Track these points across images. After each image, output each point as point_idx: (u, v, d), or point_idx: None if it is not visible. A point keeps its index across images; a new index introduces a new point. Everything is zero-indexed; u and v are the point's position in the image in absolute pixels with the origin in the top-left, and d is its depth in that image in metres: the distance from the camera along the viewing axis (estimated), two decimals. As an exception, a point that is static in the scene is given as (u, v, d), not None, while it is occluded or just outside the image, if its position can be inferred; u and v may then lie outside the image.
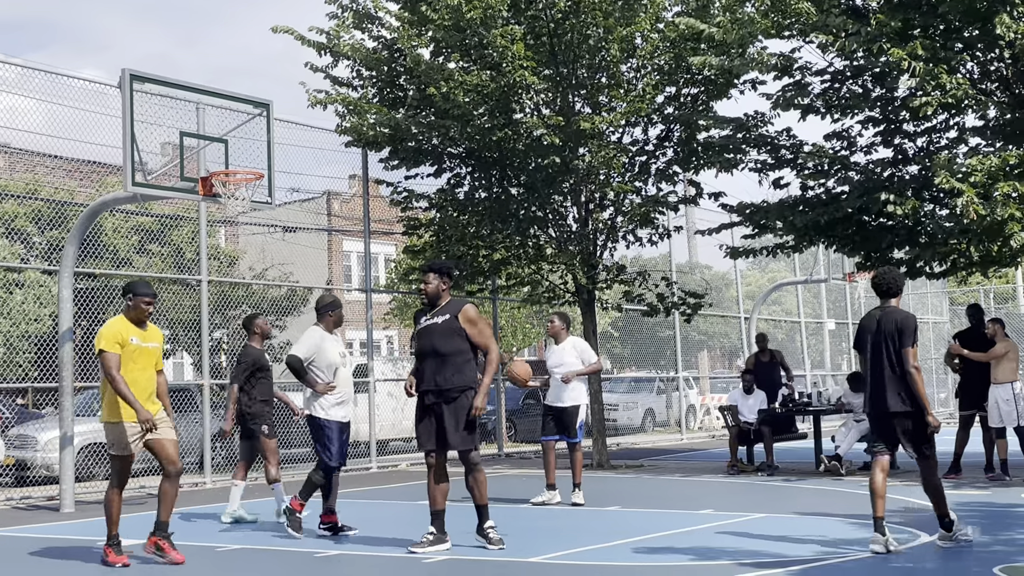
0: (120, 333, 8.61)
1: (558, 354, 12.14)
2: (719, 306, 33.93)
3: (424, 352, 8.83)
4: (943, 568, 7.69)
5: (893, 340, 8.27)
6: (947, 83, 12.53)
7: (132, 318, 8.74)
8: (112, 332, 8.60)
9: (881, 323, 8.38)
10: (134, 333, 8.67)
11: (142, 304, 8.73)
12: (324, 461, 9.82)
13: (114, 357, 8.49)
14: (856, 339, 8.73)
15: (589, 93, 16.64)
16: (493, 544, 8.69)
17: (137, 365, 8.62)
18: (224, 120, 13.20)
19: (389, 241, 32.51)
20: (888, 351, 8.28)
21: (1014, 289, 35.01)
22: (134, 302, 8.72)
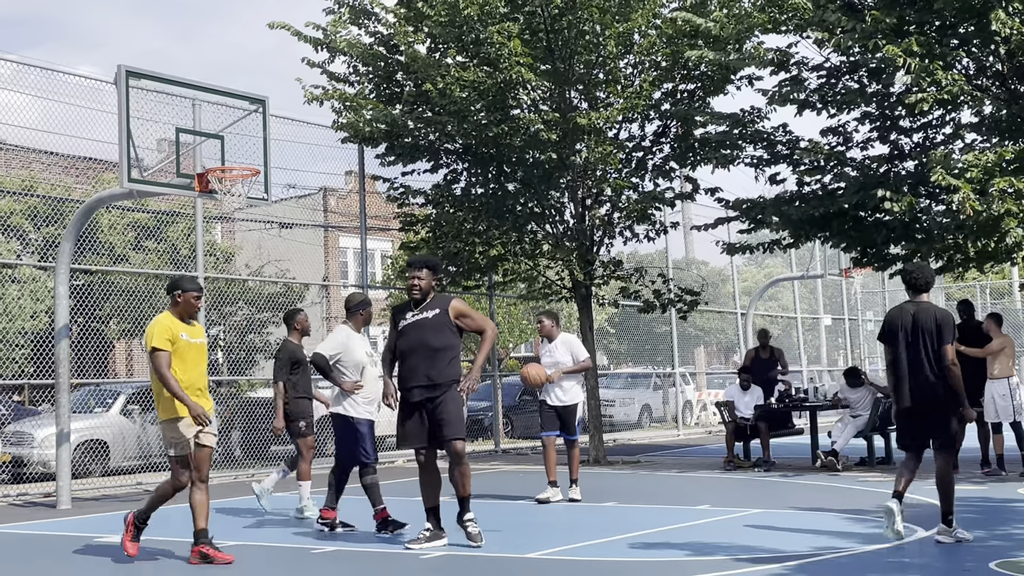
0: (170, 329, 8.42)
1: (549, 354, 12.09)
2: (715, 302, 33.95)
3: (412, 348, 8.72)
4: (939, 563, 7.70)
5: (931, 335, 8.37)
6: (943, 79, 12.54)
7: (179, 314, 8.56)
8: (163, 329, 8.41)
9: (917, 318, 8.45)
10: (183, 329, 8.49)
11: (191, 299, 8.57)
12: (360, 459, 9.84)
13: (166, 356, 8.32)
14: (886, 332, 8.70)
15: (586, 89, 16.64)
16: (473, 539, 8.61)
17: (188, 362, 8.46)
18: (220, 116, 13.19)
19: (385, 237, 32.51)
20: (926, 346, 8.38)
21: (1010, 284, 35.05)
22: (183, 298, 8.55)
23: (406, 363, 8.77)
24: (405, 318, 8.83)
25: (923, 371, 8.36)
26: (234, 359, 19.55)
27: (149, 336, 8.38)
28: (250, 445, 18.21)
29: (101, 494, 14.27)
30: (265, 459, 18.06)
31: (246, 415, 18.62)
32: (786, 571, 7.38)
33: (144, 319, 18.82)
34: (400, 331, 8.83)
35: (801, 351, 29.15)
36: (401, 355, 8.82)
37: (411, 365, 8.73)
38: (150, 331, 8.41)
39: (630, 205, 17.09)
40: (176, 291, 8.58)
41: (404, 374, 8.78)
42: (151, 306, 18.32)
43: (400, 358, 8.84)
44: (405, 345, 8.77)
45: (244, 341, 19.65)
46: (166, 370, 8.29)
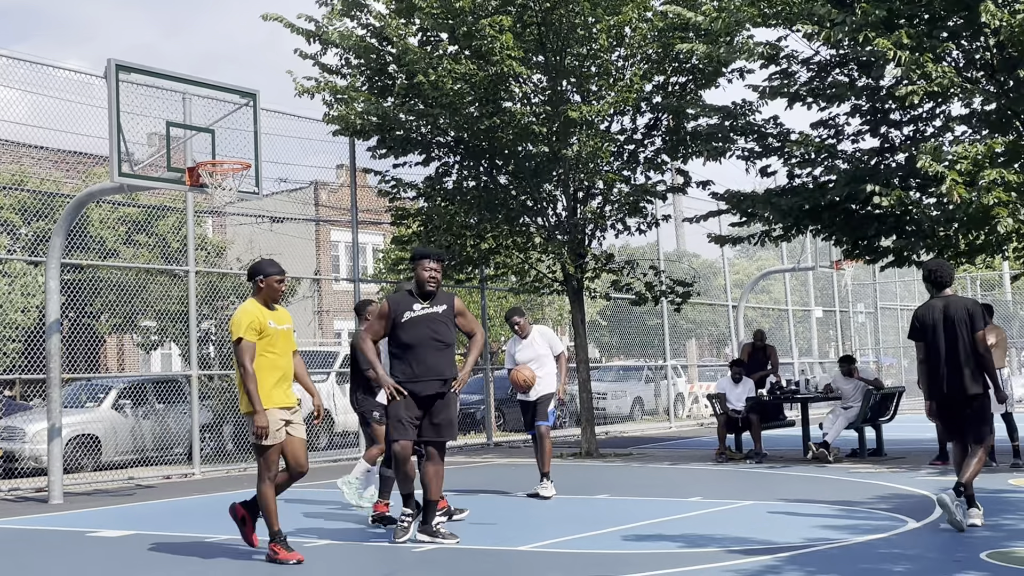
0: (258, 319, 8.04)
1: (529, 348, 11.92)
2: (707, 294, 33.95)
3: (422, 341, 8.60)
4: (931, 554, 7.73)
5: (966, 325, 8.74)
6: (933, 71, 12.55)
7: (264, 300, 8.21)
8: (249, 318, 8.03)
9: (949, 311, 8.81)
10: (269, 316, 8.13)
11: (274, 283, 8.23)
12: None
13: (251, 347, 7.97)
14: (918, 329, 8.99)
15: (578, 82, 16.63)
16: (448, 538, 8.55)
17: (277, 350, 8.14)
18: (210, 110, 13.17)
19: (377, 231, 32.51)
20: (962, 336, 8.73)
21: (1000, 276, 35.14)
22: (265, 283, 8.20)
23: (414, 356, 8.60)
24: (412, 310, 8.67)
25: (959, 360, 8.71)
26: (226, 353, 19.53)
27: (235, 325, 8.02)
28: (243, 439, 18.19)
29: (93, 489, 14.26)
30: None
31: (238, 409, 18.59)
32: (778, 562, 7.40)
33: (135, 314, 18.82)
34: (404, 323, 8.65)
35: (792, 343, 29.21)
36: (406, 347, 8.64)
37: (421, 358, 8.59)
38: (236, 319, 8.05)
39: (622, 198, 17.10)
40: (257, 276, 8.24)
41: (412, 367, 8.60)
42: (142, 300, 18.30)
43: (404, 350, 8.65)
44: (412, 338, 8.62)
45: (236, 335, 19.62)
46: (249, 363, 7.96)
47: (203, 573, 7.98)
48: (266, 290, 8.21)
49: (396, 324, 8.70)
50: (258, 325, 8.03)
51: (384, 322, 8.78)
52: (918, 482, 11.90)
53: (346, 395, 20.34)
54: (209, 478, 15.41)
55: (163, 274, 18.77)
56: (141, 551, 9.02)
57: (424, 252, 8.84)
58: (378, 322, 8.83)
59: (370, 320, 9.66)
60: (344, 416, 20.46)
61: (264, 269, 8.25)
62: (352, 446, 18.77)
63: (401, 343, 8.69)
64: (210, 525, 10.30)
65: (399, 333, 8.69)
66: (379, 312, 8.87)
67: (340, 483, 10.87)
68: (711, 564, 7.37)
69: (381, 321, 8.80)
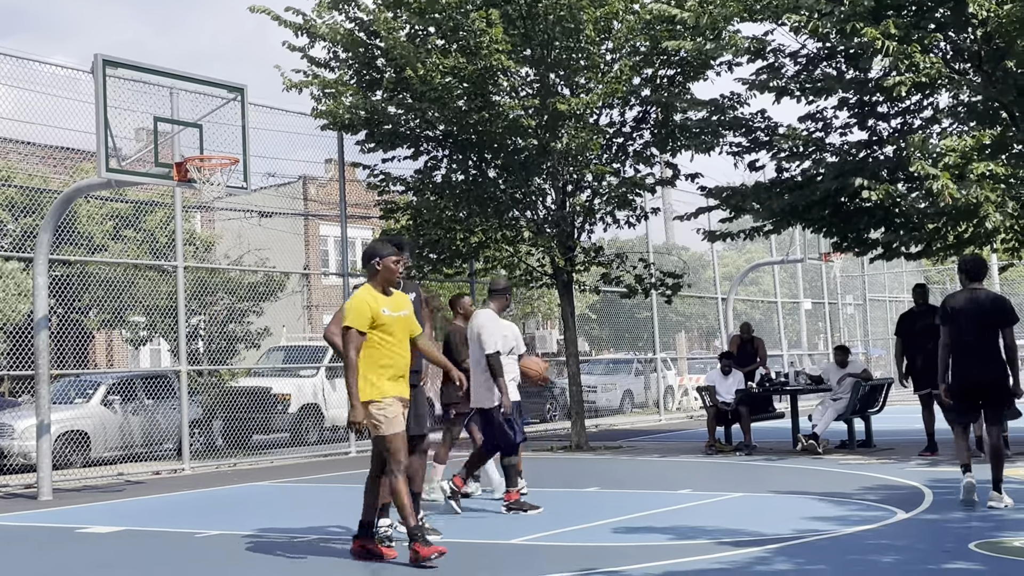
0: (370, 307, 7.55)
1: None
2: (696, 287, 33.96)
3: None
4: (920, 545, 7.76)
5: (992, 316, 9.21)
6: (921, 63, 12.57)
7: (381, 285, 7.70)
8: (362, 306, 7.55)
9: (980, 303, 9.29)
10: (384, 303, 7.62)
11: (391, 265, 7.70)
12: (510, 439, 9.77)
13: (357, 337, 7.48)
14: (950, 316, 9.40)
15: (566, 75, 16.62)
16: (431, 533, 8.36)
17: (394, 339, 7.64)
18: (198, 105, 13.14)
19: (366, 225, 32.44)
20: (987, 326, 9.20)
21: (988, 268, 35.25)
22: (382, 265, 7.68)
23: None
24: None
25: (984, 350, 9.18)
26: (215, 349, 19.50)
27: (346, 311, 7.60)
28: (232, 435, 18.18)
29: (82, 485, 14.24)
30: (247, 449, 18.05)
31: (228, 405, 18.59)
32: (768, 554, 7.41)
33: (124, 309, 18.76)
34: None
35: (781, 335, 29.26)
36: None
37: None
38: (347, 307, 7.61)
39: (611, 191, 17.10)
40: (374, 259, 7.70)
41: None
42: (131, 296, 18.25)
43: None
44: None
45: (225, 331, 19.60)
46: (353, 353, 7.47)
47: (191, 568, 7.98)
48: (383, 273, 7.70)
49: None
50: (370, 313, 7.54)
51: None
52: (907, 473, 11.93)
53: (336, 390, 20.38)
54: (199, 474, 15.39)
55: (151, 269, 18.72)
56: (131, 547, 9.02)
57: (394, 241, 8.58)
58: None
59: (461, 313, 9.71)
60: (334, 411, 20.46)
61: (379, 251, 7.74)
62: (342, 440, 18.76)
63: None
64: (200, 520, 10.29)
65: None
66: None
67: (434, 493, 10.55)
68: (701, 556, 7.38)
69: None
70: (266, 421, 19.54)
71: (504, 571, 7.18)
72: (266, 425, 19.59)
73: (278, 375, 20.92)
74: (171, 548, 8.90)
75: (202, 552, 8.62)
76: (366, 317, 7.52)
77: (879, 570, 6.87)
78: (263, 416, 19.39)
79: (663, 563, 7.20)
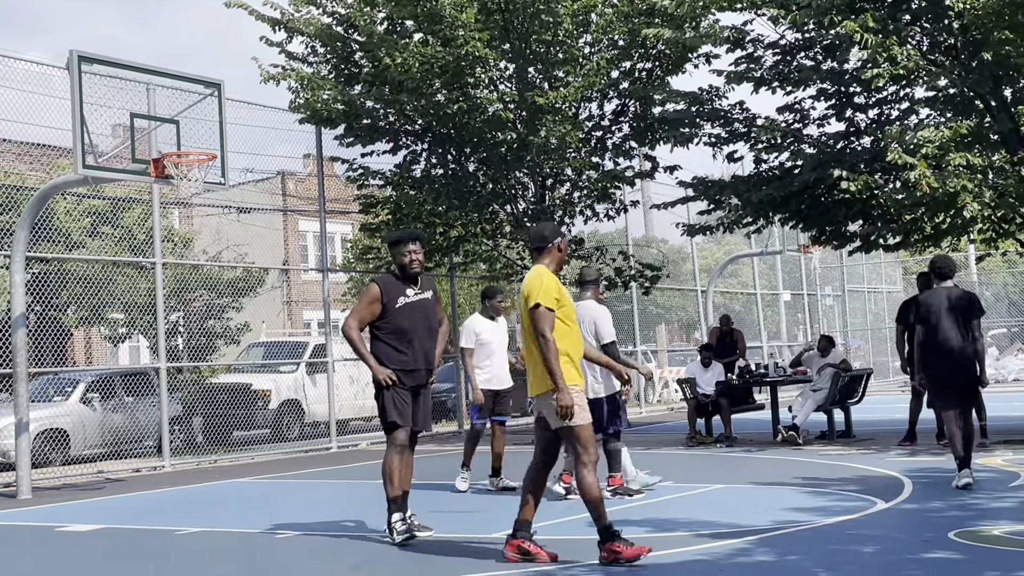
0: (558, 287, 7.10)
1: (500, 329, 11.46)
2: (676, 279, 34.05)
3: (416, 327, 8.32)
4: (899, 535, 7.79)
5: (964, 312, 9.85)
6: (898, 54, 12.61)
7: (557, 266, 7.34)
8: (551, 284, 7.07)
9: (951, 300, 9.91)
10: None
11: (563, 247, 7.37)
12: (617, 428, 10.20)
13: (550, 315, 6.98)
14: (923, 314, 10.02)
15: (544, 68, 16.62)
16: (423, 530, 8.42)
17: (572, 327, 7.22)
18: (175, 101, 13.08)
19: (345, 220, 32.38)
20: (958, 322, 9.82)
21: (966, 257, 35.42)
22: (561, 244, 7.31)
23: (410, 342, 8.30)
24: (407, 295, 8.36)
25: (958, 343, 9.78)
26: (194, 345, 19.43)
27: (532, 291, 7.04)
28: (212, 431, 18.14)
29: (62, 483, 14.16)
30: (227, 445, 18.01)
31: (208, 401, 18.53)
32: (748, 545, 7.44)
33: (103, 306, 18.67)
34: (399, 308, 8.31)
35: (761, 327, 29.34)
36: (403, 333, 8.30)
37: (417, 345, 8.32)
38: (534, 286, 7.06)
39: (590, 184, 17.12)
40: (551, 240, 7.30)
41: (407, 353, 8.30)
42: (109, 293, 18.16)
43: (399, 336, 8.30)
44: (406, 324, 8.30)
45: (204, 327, 19.53)
46: (550, 331, 6.94)
47: (172, 566, 7.95)
48: (559, 254, 7.33)
49: (389, 309, 8.33)
50: (557, 293, 7.08)
51: (375, 307, 8.33)
52: (887, 463, 11.99)
53: (317, 385, 20.34)
54: (179, 471, 15.34)
55: (130, 266, 18.65)
56: (111, 545, 8.98)
57: (406, 234, 8.58)
58: (369, 307, 8.35)
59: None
60: (315, 407, 20.43)
61: (558, 231, 7.43)
62: (323, 436, 18.72)
63: (398, 329, 8.32)
64: (180, 518, 10.26)
65: (395, 319, 8.32)
66: (370, 296, 8.38)
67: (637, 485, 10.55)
68: (682, 548, 7.40)
69: (373, 306, 8.34)
70: (247, 417, 19.49)
71: (484, 566, 7.18)
72: (247, 421, 19.55)
73: (258, 371, 20.86)
74: (151, 546, 8.87)
75: (182, 549, 8.59)
76: (553, 295, 7.07)
77: (859, 560, 6.89)
78: (243, 412, 19.34)
79: (653, 554, 7.21)
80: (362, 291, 8.71)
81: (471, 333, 11.04)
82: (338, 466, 15.13)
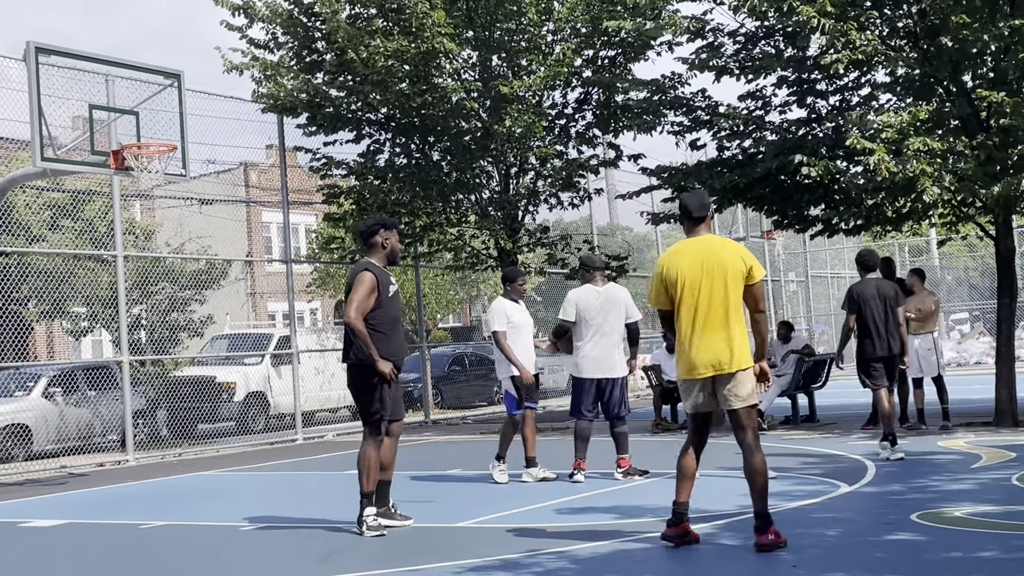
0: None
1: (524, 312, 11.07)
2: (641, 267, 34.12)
3: (397, 319, 8.25)
4: (862, 518, 7.86)
5: (892, 301, 11.00)
6: (857, 40, 12.67)
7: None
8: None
9: (880, 290, 11.05)
10: None
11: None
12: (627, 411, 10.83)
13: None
14: (856, 302, 11.07)
15: (508, 57, 16.60)
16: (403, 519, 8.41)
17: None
18: (135, 92, 12.96)
19: (309, 211, 32.25)
20: (888, 310, 10.96)
21: (927, 242, 35.70)
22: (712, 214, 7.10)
23: (394, 334, 8.19)
24: (392, 283, 8.25)
25: (888, 328, 10.93)
26: (157, 338, 19.29)
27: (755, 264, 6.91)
28: (177, 425, 18.03)
29: (24, 479, 14.05)
30: (192, 438, 17.91)
31: (172, 394, 18.42)
32: (714, 530, 7.48)
33: (64, 300, 18.48)
34: (390, 297, 8.18)
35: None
36: (393, 323, 8.19)
37: (398, 337, 8.24)
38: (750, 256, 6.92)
39: (554, 173, 17.12)
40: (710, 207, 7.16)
41: (397, 343, 8.21)
42: (71, 286, 17.99)
43: (391, 326, 8.17)
44: (396, 313, 8.23)
45: (167, 320, 19.40)
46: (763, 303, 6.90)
47: (136, 560, 7.90)
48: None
49: (382, 299, 8.11)
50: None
51: (373, 296, 8.08)
52: (850, 447, 12.08)
53: (282, 377, 20.27)
54: (143, 464, 15.25)
55: (91, 259, 18.48)
56: (75, 541, 8.91)
57: (395, 222, 8.49)
58: (368, 297, 8.06)
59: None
60: (281, 399, 20.35)
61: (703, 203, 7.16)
62: (289, 428, 18.65)
63: (390, 318, 8.17)
64: (145, 512, 10.19)
65: (387, 308, 8.14)
66: (368, 286, 8.06)
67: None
68: (648, 533, 7.43)
69: (371, 295, 8.08)
70: (211, 410, 19.39)
71: (452, 554, 7.17)
72: (211, 414, 19.45)
73: (223, 363, 20.75)
74: (116, 540, 8.81)
75: (147, 544, 8.54)
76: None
77: (824, 543, 6.95)
78: (208, 405, 19.25)
79: (609, 543, 7.24)
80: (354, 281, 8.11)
81: (503, 315, 10.60)
82: (304, 458, 15.08)
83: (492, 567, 6.68)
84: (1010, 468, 9.74)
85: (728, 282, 6.79)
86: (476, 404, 25.11)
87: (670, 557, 6.81)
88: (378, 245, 8.31)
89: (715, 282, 6.79)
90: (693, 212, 7.08)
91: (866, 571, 6.09)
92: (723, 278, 6.78)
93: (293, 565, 7.32)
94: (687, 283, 6.84)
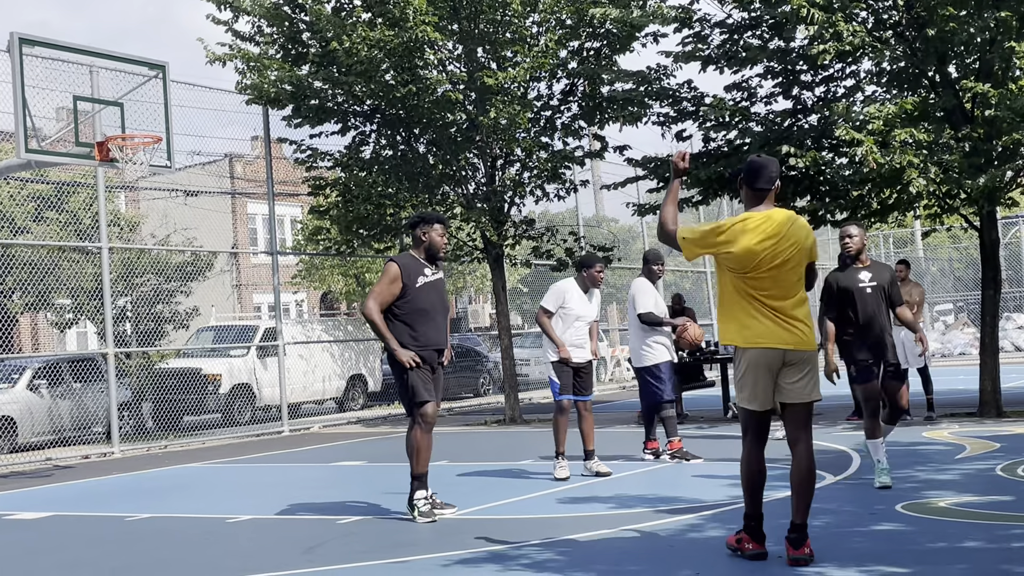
0: None
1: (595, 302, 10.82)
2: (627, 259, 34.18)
3: (435, 308, 8.30)
4: (849, 507, 7.88)
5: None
6: (844, 31, 12.69)
7: None
8: None
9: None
10: None
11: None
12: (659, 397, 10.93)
13: None
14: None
15: (493, 48, 16.57)
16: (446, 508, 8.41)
17: None
18: (119, 83, 12.91)
19: (295, 203, 32.18)
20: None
21: (912, 234, 35.83)
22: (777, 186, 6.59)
23: (429, 322, 8.25)
24: (424, 275, 8.32)
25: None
26: (143, 330, 19.24)
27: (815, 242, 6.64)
28: (162, 417, 17.99)
29: (9, 471, 14.01)
30: (178, 430, 17.88)
31: (157, 386, 18.37)
32: (703, 520, 7.50)
33: (49, 292, 18.43)
34: (419, 288, 8.25)
35: (711, 305, 29.51)
36: (422, 313, 8.25)
37: (436, 325, 8.30)
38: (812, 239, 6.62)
39: (540, 164, 17.11)
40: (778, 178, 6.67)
41: (427, 333, 8.25)
42: (55, 278, 17.94)
43: (419, 316, 8.23)
44: (427, 304, 8.27)
45: (152, 312, 19.35)
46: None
47: (122, 552, 7.88)
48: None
49: (409, 289, 8.24)
50: None
51: (395, 287, 8.22)
52: (835, 437, 12.12)
53: (268, 369, 20.23)
54: (129, 456, 15.21)
55: (76, 251, 18.42)
56: (61, 533, 8.89)
57: (437, 216, 8.56)
58: (389, 287, 8.21)
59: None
60: (267, 390, 20.32)
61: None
62: (275, 420, 18.62)
63: (417, 309, 8.24)
64: (130, 504, 10.18)
65: (414, 299, 8.23)
66: (390, 276, 8.23)
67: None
68: (639, 524, 7.44)
69: (393, 286, 8.22)
70: (197, 402, 19.35)
71: (438, 546, 7.18)
72: (197, 406, 19.41)
73: (208, 355, 20.70)
74: (101, 533, 8.79)
75: (133, 536, 8.52)
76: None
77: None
78: (194, 397, 19.21)
79: (601, 532, 7.26)
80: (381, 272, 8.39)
81: (560, 296, 10.30)
82: (290, 450, 15.07)
83: (479, 559, 6.69)
84: (994, 459, 9.79)
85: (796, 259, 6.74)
86: (462, 396, 25.12)
87: (656, 547, 6.82)
88: (418, 239, 8.50)
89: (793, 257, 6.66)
90: (759, 182, 6.74)
91: (852, 561, 6.12)
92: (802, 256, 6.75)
93: (278, 557, 7.32)
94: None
